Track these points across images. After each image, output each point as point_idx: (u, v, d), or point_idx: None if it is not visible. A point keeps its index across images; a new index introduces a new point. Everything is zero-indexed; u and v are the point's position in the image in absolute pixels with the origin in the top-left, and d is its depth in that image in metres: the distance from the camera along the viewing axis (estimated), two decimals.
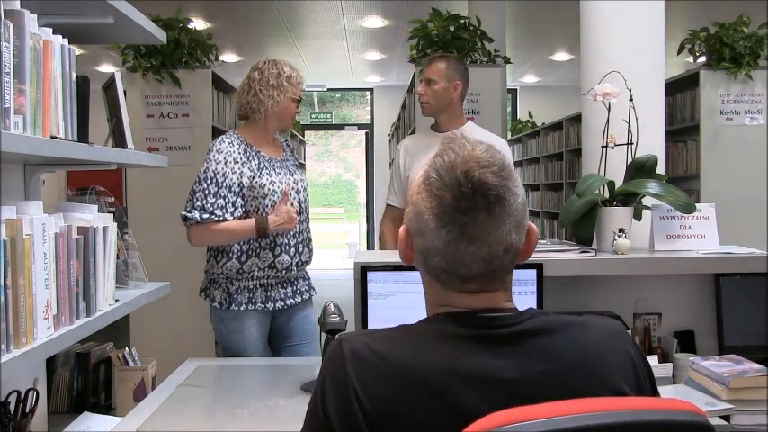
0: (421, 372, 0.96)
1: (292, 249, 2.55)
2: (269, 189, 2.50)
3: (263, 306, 2.53)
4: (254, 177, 2.50)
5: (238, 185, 2.49)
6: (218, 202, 2.45)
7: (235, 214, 2.48)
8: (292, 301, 2.61)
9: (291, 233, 2.54)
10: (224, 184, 2.48)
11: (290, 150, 2.77)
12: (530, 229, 1.05)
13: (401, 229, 1.08)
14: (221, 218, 2.44)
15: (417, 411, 0.94)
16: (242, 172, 2.50)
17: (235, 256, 2.51)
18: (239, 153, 2.53)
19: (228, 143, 2.57)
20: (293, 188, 2.59)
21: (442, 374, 0.95)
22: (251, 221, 2.46)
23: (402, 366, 0.97)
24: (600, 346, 1.03)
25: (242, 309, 2.52)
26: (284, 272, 2.54)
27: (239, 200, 2.49)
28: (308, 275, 2.76)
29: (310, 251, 2.68)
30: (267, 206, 2.50)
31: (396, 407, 0.94)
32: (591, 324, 1.07)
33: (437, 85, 2.93)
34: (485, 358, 0.97)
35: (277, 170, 2.59)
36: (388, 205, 3.19)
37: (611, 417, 0.91)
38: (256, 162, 2.55)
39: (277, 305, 2.56)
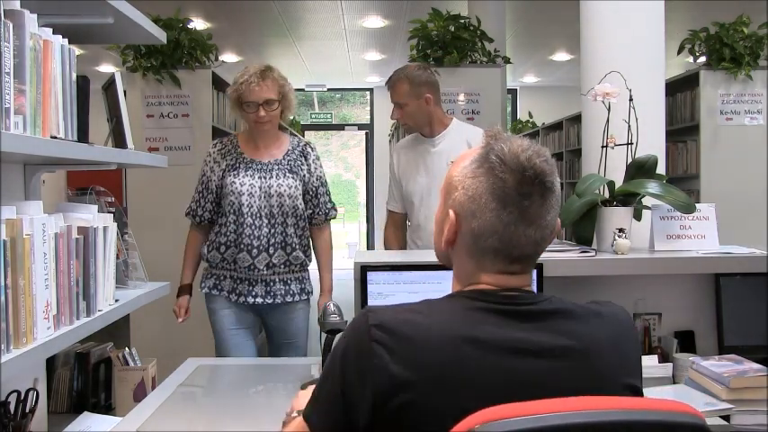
0: (441, 339, 1.00)
1: (255, 250, 2.63)
2: (229, 189, 2.64)
3: (227, 295, 2.71)
4: (222, 177, 2.67)
5: (215, 185, 2.70)
6: (199, 200, 2.75)
7: (204, 214, 2.74)
8: (263, 300, 2.69)
9: (255, 234, 2.64)
10: (203, 183, 2.75)
11: (297, 154, 2.74)
12: (557, 224, 1.13)
13: (450, 214, 1.12)
14: (198, 216, 2.75)
15: (436, 377, 0.98)
16: (214, 171, 2.70)
17: (212, 246, 2.72)
18: (218, 153, 2.73)
19: (213, 144, 2.79)
20: (264, 192, 2.64)
21: (461, 342, 1.00)
22: (186, 273, 2.88)
23: (424, 334, 1.01)
24: (615, 337, 1.09)
25: (208, 292, 2.77)
26: (248, 270, 2.65)
27: (211, 197, 2.72)
28: (300, 279, 2.76)
29: (288, 254, 2.69)
30: (225, 207, 2.66)
31: (416, 374, 0.98)
32: (605, 314, 1.11)
33: (408, 106, 2.93)
34: (506, 330, 1.03)
35: (250, 172, 2.66)
36: (389, 211, 3.18)
37: (605, 415, 0.91)
38: (232, 162, 2.69)
39: (247, 300, 2.69)
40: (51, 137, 1.36)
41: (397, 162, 3.12)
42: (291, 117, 2.84)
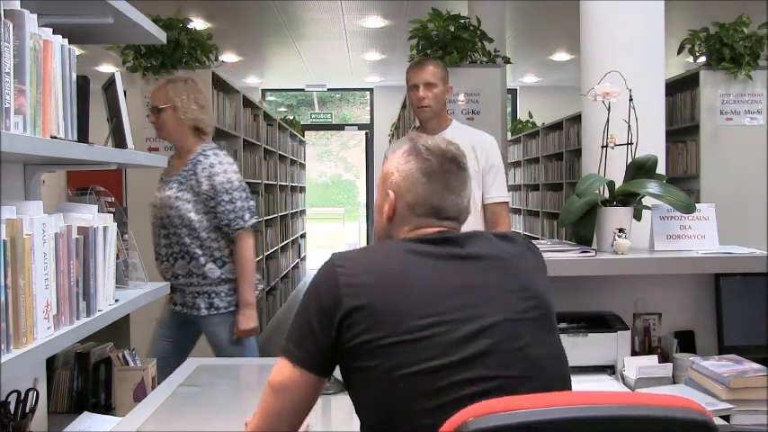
0: (389, 254, 1.31)
1: (159, 260, 2.75)
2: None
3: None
4: None
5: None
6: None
7: None
8: (173, 307, 2.78)
9: (158, 243, 2.74)
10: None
11: (192, 164, 2.72)
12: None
13: (390, 194, 1.39)
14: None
15: (388, 278, 1.25)
16: None
17: None
18: None
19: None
20: (161, 204, 2.71)
21: (404, 252, 1.30)
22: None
23: (377, 253, 1.34)
24: (524, 252, 1.40)
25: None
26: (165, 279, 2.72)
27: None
28: (210, 294, 2.72)
29: (190, 265, 2.69)
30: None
31: (373, 278, 1.25)
32: (518, 241, 1.42)
33: (436, 87, 2.92)
34: (441, 246, 1.31)
35: (161, 184, 2.79)
36: None
37: (607, 410, 0.91)
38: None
39: (173, 307, 2.79)
40: (51, 137, 1.36)
41: None
42: (196, 125, 2.80)
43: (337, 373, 1.29)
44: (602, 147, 2.35)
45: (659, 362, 2.01)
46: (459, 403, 1.05)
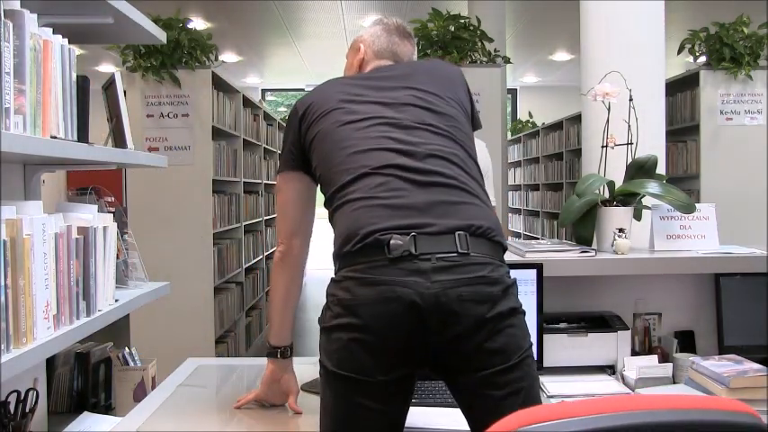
0: (332, 81, 1.66)
1: None
2: None
3: None
4: None
5: None
6: None
7: None
8: None
9: None
10: None
11: None
12: None
13: (359, 49, 1.78)
14: None
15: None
16: None
17: None
18: None
19: None
20: None
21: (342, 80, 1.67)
22: None
23: (325, 84, 1.64)
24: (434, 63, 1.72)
25: None
26: None
27: None
28: None
29: None
30: None
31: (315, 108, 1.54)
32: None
33: None
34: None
35: None
36: None
37: (660, 416, 0.87)
38: None
39: None
40: (51, 137, 1.36)
41: None
42: None
43: None
44: (602, 147, 2.35)
45: (659, 362, 2.01)
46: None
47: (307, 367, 2.16)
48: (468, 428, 1.38)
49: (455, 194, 1.41)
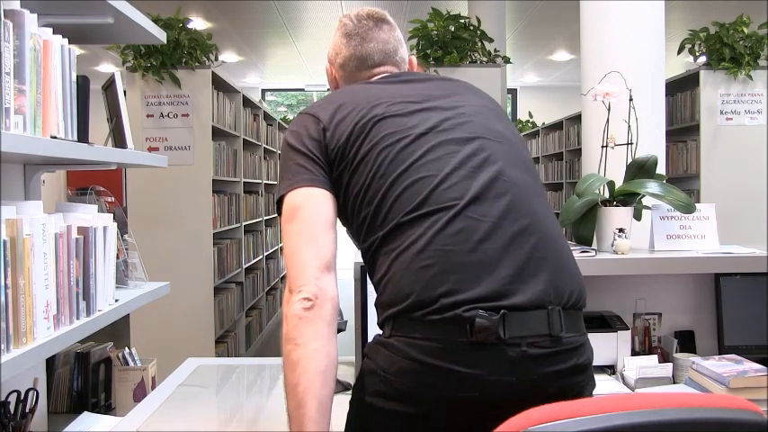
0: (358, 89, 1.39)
1: None
2: None
3: None
4: None
5: None
6: None
7: None
8: None
9: None
10: None
11: None
12: (410, 60, 1.52)
13: (326, 67, 1.53)
14: None
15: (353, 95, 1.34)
16: None
17: None
18: None
19: None
20: None
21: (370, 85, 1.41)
22: None
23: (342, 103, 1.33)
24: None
25: None
26: None
27: None
28: None
29: None
30: None
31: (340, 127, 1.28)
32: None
33: None
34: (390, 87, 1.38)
35: None
36: None
37: (662, 414, 0.87)
38: None
39: None
40: (51, 137, 1.36)
41: None
42: None
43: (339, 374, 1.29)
44: (602, 147, 2.35)
45: (659, 362, 2.01)
46: None
47: None
48: None
49: (542, 242, 1.18)
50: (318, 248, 1.18)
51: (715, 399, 0.96)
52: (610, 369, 2.05)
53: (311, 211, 1.21)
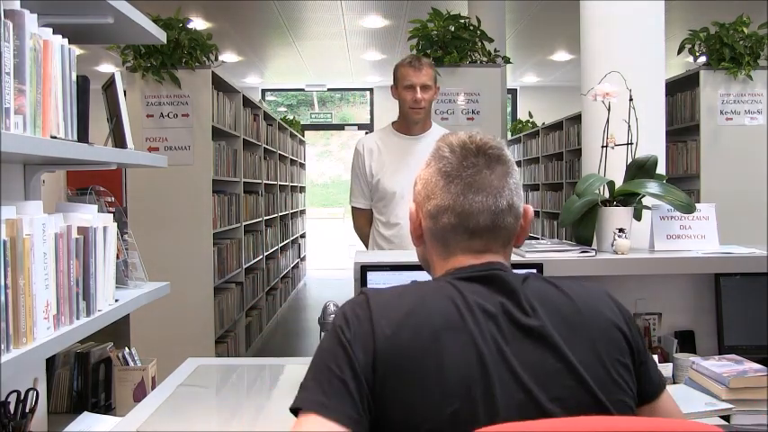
0: (424, 317, 1.03)
1: None
2: None
3: None
4: None
5: None
6: None
7: None
8: None
9: None
10: None
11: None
12: (526, 210, 1.18)
13: (411, 209, 1.20)
14: None
15: (419, 351, 1.00)
16: None
17: None
18: None
19: None
20: None
21: (442, 317, 1.03)
22: None
23: (410, 312, 1.03)
24: (593, 305, 1.12)
25: None
26: None
27: None
28: None
29: None
30: None
31: (401, 348, 1.00)
32: (584, 287, 1.17)
33: (431, 90, 2.94)
34: (486, 296, 1.06)
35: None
36: (356, 208, 3.19)
37: None
38: None
39: None
40: (51, 137, 1.36)
41: (368, 157, 3.08)
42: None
43: None
44: (602, 147, 2.35)
45: (659, 362, 2.01)
46: None
47: (307, 367, 2.16)
48: None
49: None
50: None
51: (682, 425, 0.95)
52: None
53: None
